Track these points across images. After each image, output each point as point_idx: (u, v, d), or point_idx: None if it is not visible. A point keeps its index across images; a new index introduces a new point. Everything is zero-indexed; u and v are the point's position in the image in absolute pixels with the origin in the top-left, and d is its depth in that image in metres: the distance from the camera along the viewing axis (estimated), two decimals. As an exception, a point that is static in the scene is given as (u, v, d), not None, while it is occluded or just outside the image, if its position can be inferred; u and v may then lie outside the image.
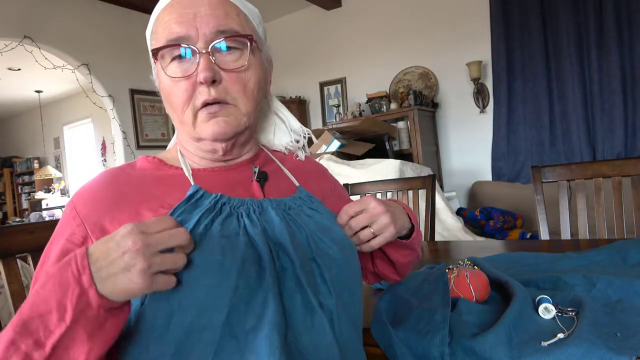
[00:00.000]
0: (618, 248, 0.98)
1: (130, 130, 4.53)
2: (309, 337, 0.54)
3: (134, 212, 0.57)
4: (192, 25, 0.58)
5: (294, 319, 0.54)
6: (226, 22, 0.60)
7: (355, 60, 4.65)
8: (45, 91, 7.22)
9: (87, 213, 0.57)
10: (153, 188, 0.60)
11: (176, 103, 0.61)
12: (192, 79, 0.59)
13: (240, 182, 0.65)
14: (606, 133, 3.43)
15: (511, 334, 0.62)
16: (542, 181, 1.53)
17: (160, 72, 0.62)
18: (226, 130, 0.61)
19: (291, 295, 0.55)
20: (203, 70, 0.58)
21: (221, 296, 0.50)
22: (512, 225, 3.41)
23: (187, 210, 0.55)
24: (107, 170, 0.64)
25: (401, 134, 3.99)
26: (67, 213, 0.59)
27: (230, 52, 0.61)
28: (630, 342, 0.57)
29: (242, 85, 0.61)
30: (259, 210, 0.60)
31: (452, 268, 0.84)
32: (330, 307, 0.57)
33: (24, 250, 0.93)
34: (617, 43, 3.32)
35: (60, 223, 0.59)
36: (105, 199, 0.58)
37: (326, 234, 0.62)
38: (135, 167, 0.65)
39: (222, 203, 0.58)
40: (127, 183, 0.60)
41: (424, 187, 1.83)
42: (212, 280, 0.50)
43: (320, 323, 0.55)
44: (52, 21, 3.94)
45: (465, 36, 3.99)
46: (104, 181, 0.61)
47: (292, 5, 4.83)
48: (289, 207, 0.63)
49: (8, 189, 8.77)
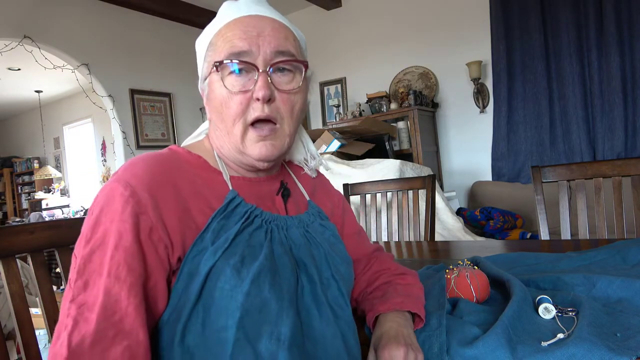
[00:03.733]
0: (618, 248, 0.98)
1: (130, 130, 4.53)
2: (323, 346, 0.60)
3: (182, 207, 0.58)
4: (254, 43, 0.62)
5: (312, 331, 0.60)
6: (285, 44, 0.64)
7: (355, 60, 4.65)
8: (45, 91, 7.21)
9: (149, 202, 0.56)
10: (202, 187, 0.62)
11: (228, 114, 0.63)
12: (248, 94, 0.63)
13: (268, 195, 0.70)
14: (606, 133, 3.43)
15: (510, 334, 0.62)
16: (542, 181, 1.53)
17: (216, 83, 0.64)
18: (272, 153, 0.65)
19: (308, 311, 0.61)
20: (262, 88, 0.61)
21: (233, 299, 0.54)
22: (512, 225, 3.41)
23: (226, 215, 0.60)
24: (159, 155, 0.63)
25: (401, 134, 3.99)
26: (124, 199, 0.55)
27: (285, 74, 0.65)
28: (630, 342, 0.57)
29: (291, 107, 0.65)
30: (285, 227, 0.65)
31: (452, 268, 0.83)
32: (344, 318, 0.64)
33: (24, 250, 0.93)
34: (617, 43, 3.32)
35: (111, 208, 0.55)
36: (163, 187, 0.58)
37: (335, 249, 0.69)
38: (180, 158, 0.65)
39: (255, 215, 0.63)
40: (181, 176, 0.61)
41: (424, 187, 1.83)
42: (227, 285, 0.55)
43: (334, 334, 0.61)
44: (52, 21, 3.94)
45: (465, 36, 3.99)
46: (160, 169, 0.60)
47: (292, 5, 4.83)
48: (307, 225, 0.69)
49: (8, 189, 8.77)
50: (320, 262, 0.65)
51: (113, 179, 0.57)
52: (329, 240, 0.70)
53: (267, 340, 0.55)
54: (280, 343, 0.55)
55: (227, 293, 0.55)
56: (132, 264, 0.53)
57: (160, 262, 0.56)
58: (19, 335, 0.88)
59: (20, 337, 0.88)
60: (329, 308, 0.62)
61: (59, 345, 0.49)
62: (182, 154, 0.66)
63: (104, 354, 0.49)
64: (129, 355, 0.50)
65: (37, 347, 0.90)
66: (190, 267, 0.56)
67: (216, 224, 0.59)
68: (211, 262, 0.55)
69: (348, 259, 0.72)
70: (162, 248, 0.56)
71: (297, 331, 0.57)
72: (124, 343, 0.50)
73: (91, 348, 0.49)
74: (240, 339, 0.54)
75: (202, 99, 0.70)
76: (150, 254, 0.55)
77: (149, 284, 0.55)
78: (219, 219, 0.59)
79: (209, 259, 0.56)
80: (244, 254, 0.57)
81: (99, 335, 0.49)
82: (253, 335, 0.54)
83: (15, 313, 0.89)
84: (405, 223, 1.85)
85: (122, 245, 0.53)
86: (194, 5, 4.61)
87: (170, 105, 4.93)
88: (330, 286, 0.65)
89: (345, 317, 0.64)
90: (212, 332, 0.54)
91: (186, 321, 0.55)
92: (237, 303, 0.54)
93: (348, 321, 0.64)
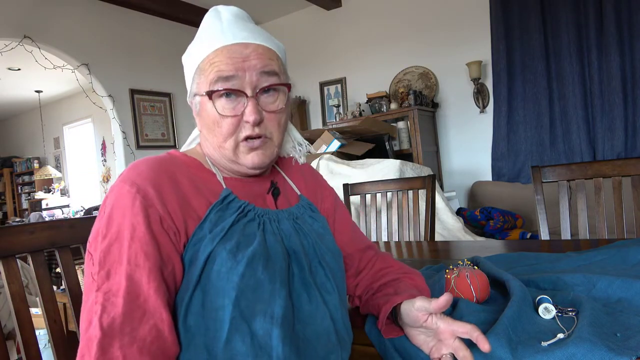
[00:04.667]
0: (618, 248, 0.98)
1: (130, 130, 4.53)
2: (313, 327, 0.65)
3: (183, 200, 0.64)
4: (240, 68, 0.67)
5: (302, 313, 0.65)
6: (270, 64, 0.69)
7: (355, 60, 4.65)
8: (45, 91, 7.21)
9: (154, 195, 0.61)
10: (200, 184, 0.68)
11: (220, 132, 0.69)
12: (238, 117, 0.68)
13: (259, 194, 0.75)
14: (606, 133, 3.43)
15: (510, 334, 0.62)
16: (542, 181, 1.53)
17: (207, 103, 0.69)
18: (264, 161, 0.71)
19: (299, 295, 0.66)
20: (252, 114, 0.67)
21: (229, 281, 0.59)
22: (512, 225, 3.41)
23: (222, 208, 0.65)
24: (159, 157, 0.68)
25: (401, 134, 3.99)
26: (131, 195, 0.60)
27: (270, 94, 0.70)
28: (630, 342, 0.57)
29: (277, 122, 0.71)
30: (276, 220, 0.71)
31: (452, 268, 0.83)
32: (332, 301, 0.69)
33: (24, 250, 0.93)
34: (617, 43, 3.32)
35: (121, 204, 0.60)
36: (164, 182, 0.63)
37: (323, 240, 0.74)
38: (178, 160, 0.70)
39: (249, 210, 0.68)
40: (180, 174, 0.67)
41: (424, 187, 1.83)
42: (224, 267, 0.60)
43: (323, 315, 0.67)
44: (52, 21, 3.94)
45: (465, 36, 3.99)
46: (160, 167, 0.66)
47: (292, 5, 4.83)
48: (296, 217, 0.74)
49: (8, 189, 8.77)
50: (308, 251, 0.71)
51: (119, 180, 0.63)
52: (317, 232, 0.75)
53: (262, 318, 0.60)
54: (273, 321, 0.60)
55: (224, 275, 0.60)
56: (148, 252, 0.58)
57: (175, 247, 0.61)
58: (19, 335, 0.88)
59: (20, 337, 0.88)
60: (317, 292, 0.68)
61: (92, 328, 0.54)
62: (179, 157, 0.71)
63: (134, 332, 0.54)
64: (155, 333, 0.56)
65: (37, 347, 0.90)
66: (191, 254, 0.62)
67: (213, 215, 0.64)
68: (209, 249, 0.61)
69: (336, 251, 0.76)
70: (173, 234, 0.61)
71: (289, 312, 0.62)
72: (151, 322, 0.56)
73: (122, 328, 0.54)
74: (236, 317, 0.58)
75: (192, 109, 0.74)
76: (165, 241, 0.60)
77: (168, 269, 0.60)
78: (216, 211, 0.64)
79: (208, 245, 0.61)
80: (239, 241, 0.63)
81: (128, 316, 0.55)
82: (248, 314, 0.59)
83: (15, 313, 0.89)
84: (405, 223, 1.85)
85: (137, 236, 0.58)
86: (194, 5, 4.61)
87: (170, 105, 4.93)
88: (317, 272, 0.71)
89: (333, 300, 0.69)
90: (210, 312, 0.59)
91: (188, 303, 0.60)
92: (232, 283, 0.59)
93: (335, 304, 0.70)
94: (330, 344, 0.66)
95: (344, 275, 0.77)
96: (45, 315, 0.94)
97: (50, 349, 0.94)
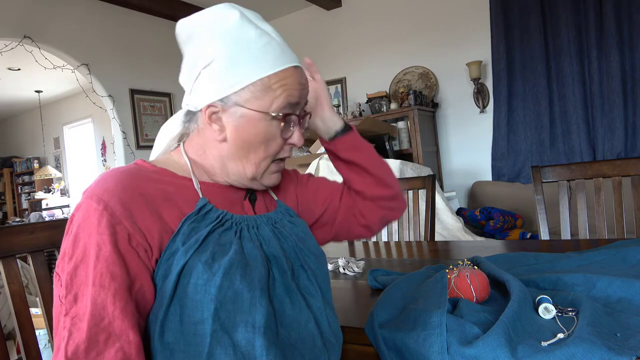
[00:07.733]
0: (618, 248, 0.98)
1: (130, 130, 4.52)
2: (297, 332, 0.64)
3: (155, 214, 0.61)
4: (303, 96, 0.70)
5: (285, 319, 0.64)
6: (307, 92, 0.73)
7: (355, 60, 4.65)
8: (45, 91, 7.21)
9: (122, 212, 0.58)
10: (172, 195, 0.65)
11: (265, 153, 0.69)
12: (287, 139, 0.71)
13: (237, 200, 0.73)
14: (606, 133, 3.43)
15: (510, 334, 0.62)
16: (542, 181, 1.53)
17: (260, 122, 0.67)
18: (279, 181, 0.75)
19: (281, 300, 0.65)
20: (301, 140, 0.72)
21: (207, 293, 0.57)
22: (512, 225, 3.41)
23: (197, 220, 0.63)
24: (126, 169, 0.65)
25: (401, 134, 3.99)
26: (98, 212, 0.58)
27: None
28: (630, 342, 0.57)
29: None
30: (255, 226, 0.69)
31: (452, 268, 0.83)
32: (316, 304, 0.69)
33: (24, 250, 0.93)
34: (617, 43, 3.32)
35: (87, 223, 0.58)
36: (134, 197, 0.60)
37: (305, 244, 0.74)
38: (147, 170, 0.67)
39: (226, 219, 0.66)
40: (150, 185, 0.64)
41: (424, 187, 1.83)
42: (200, 280, 0.58)
43: (307, 319, 0.66)
44: (52, 21, 3.94)
45: (465, 36, 3.99)
46: (129, 181, 0.62)
47: (292, 5, 4.83)
48: (275, 221, 0.73)
49: (8, 189, 8.77)
50: (289, 254, 0.70)
51: (85, 196, 0.60)
52: (297, 235, 0.74)
53: (243, 328, 0.58)
54: (255, 330, 0.58)
55: (201, 288, 0.58)
56: (114, 272, 0.56)
57: (144, 265, 0.59)
58: (19, 335, 0.88)
59: (20, 337, 0.88)
60: (300, 296, 0.67)
61: (59, 356, 0.53)
62: (148, 167, 0.68)
63: (99, 357, 0.53)
64: (121, 356, 0.54)
65: (37, 347, 0.90)
66: (164, 269, 0.60)
67: (187, 227, 0.62)
68: (182, 261, 0.59)
69: (318, 253, 0.76)
70: (143, 252, 0.59)
71: (271, 318, 0.61)
72: (116, 345, 0.54)
73: (86, 354, 0.53)
74: (217, 330, 0.57)
75: (204, 114, 0.67)
76: (132, 259, 0.58)
77: (135, 287, 0.58)
78: (190, 222, 0.62)
79: (181, 258, 0.59)
80: (215, 251, 0.61)
81: (92, 341, 0.53)
82: (229, 326, 0.58)
83: (15, 313, 0.89)
84: (405, 223, 1.85)
85: (103, 256, 0.56)
86: (194, 5, 4.61)
87: (170, 105, 4.93)
88: (300, 276, 0.70)
89: (317, 303, 0.69)
90: (189, 326, 0.57)
91: (163, 319, 0.58)
92: (210, 296, 0.57)
93: (320, 307, 0.69)
94: (315, 349, 0.65)
95: (328, 277, 0.76)
96: (45, 315, 0.94)
97: (50, 349, 0.94)
